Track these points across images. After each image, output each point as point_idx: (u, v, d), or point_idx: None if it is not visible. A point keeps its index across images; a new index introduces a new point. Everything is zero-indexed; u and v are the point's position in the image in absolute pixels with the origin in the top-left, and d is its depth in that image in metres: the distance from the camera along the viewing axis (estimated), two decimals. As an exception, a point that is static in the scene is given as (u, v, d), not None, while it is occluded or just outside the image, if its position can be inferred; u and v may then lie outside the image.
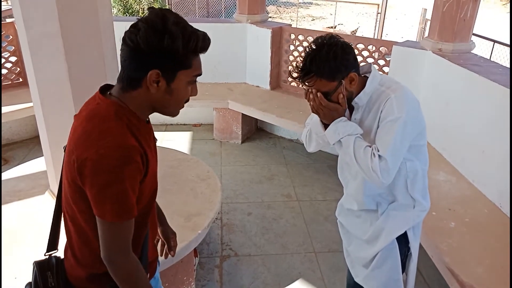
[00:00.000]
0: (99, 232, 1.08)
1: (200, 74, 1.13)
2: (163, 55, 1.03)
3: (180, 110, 1.20)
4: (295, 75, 1.55)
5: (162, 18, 1.02)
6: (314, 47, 1.50)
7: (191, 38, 1.04)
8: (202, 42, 1.08)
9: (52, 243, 1.33)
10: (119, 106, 1.09)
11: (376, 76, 1.58)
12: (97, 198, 1.03)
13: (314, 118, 1.74)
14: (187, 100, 1.16)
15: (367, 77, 1.58)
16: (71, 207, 1.15)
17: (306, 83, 1.54)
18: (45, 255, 1.31)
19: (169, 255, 1.60)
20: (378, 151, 1.48)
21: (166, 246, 1.58)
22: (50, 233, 1.34)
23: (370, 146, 1.51)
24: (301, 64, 1.52)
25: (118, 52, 2.43)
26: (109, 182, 1.01)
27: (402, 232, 1.71)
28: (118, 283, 1.13)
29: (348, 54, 1.50)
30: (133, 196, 1.06)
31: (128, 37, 1.03)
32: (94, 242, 1.12)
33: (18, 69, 4.44)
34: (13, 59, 4.39)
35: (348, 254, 1.96)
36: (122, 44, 1.06)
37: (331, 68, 1.47)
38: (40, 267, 1.27)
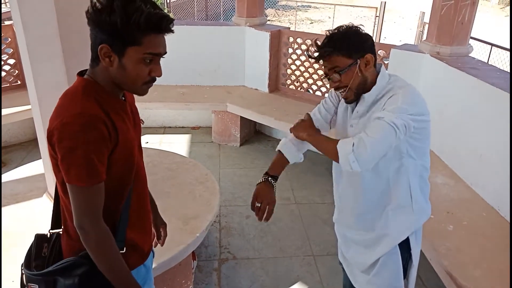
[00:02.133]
0: (70, 199, 1.12)
1: (157, 54, 1.14)
2: (105, 30, 1.08)
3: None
4: (313, 50, 1.57)
5: None
6: (335, 30, 1.53)
7: (135, 14, 1.05)
8: (146, 18, 1.07)
9: (56, 221, 1.36)
10: (89, 82, 1.16)
11: (385, 74, 1.59)
12: (63, 164, 1.07)
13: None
14: (151, 80, 1.17)
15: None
16: (57, 182, 1.20)
17: (323, 60, 1.54)
18: (49, 231, 1.35)
19: (158, 244, 1.63)
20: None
21: (155, 235, 1.61)
22: (53, 212, 1.37)
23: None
24: (324, 40, 1.53)
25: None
26: (71, 147, 1.05)
27: (405, 237, 1.70)
28: (89, 252, 1.15)
29: (366, 37, 1.53)
30: (98, 162, 1.09)
31: (86, 11, 1.11)
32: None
33: (17, 71, 4.44)
34: (11, 61, 4.39)
35: (344, 258, 1.95)
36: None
37: (349, 43, 1.50)
38: (39, 238, 1.33)
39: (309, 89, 4.69)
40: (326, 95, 1.92)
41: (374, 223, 1.75)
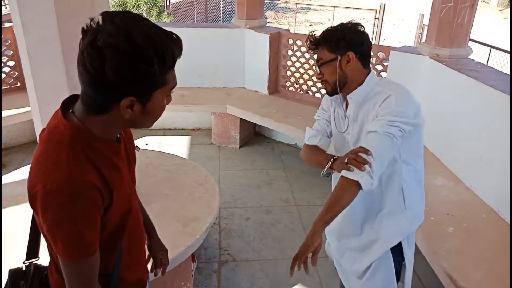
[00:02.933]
0: (61, 268, 1.00)
1: (175, 85, 1.01)
2: (138, 82, 0.90)
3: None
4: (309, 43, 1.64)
5: (126, 36, 0.86)
6: (335, 25, 1.62)
7: (166, 55, 0.91)
8: (177, 53, 0.94)
9: (32, 250, 1.25)
10: (78, 130, 0.97)
11: (373, 76, 1.61)
12: (49, 235, 0.95)
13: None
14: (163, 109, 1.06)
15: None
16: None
17: (314, 51, 1.64)
18: (24, 263, 1.24)
19: (159, 273, 1.51)
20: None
21: (153, 262, 1.49)
22: (29, 239, 1.26)
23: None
24: (312, 36, 1.63)
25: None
26: (57, 221, 0.92)
27: (396, 243, 1.71)
28: None
29: (355, 35, 1.56)
30: (90, 233, 0.96)
31: (90, 63, 0.87)
32: None
33: (16, 73, 4.44)
34: (11, 63, 4.39)
35: (339, 264, 1.97)
36: (79, 65, 0.91)
37: (335, 39, 1.55)
38: (13, 275, 1.20)
39: (308, 91, 4.70)
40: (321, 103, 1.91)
41: (366, 228, 1.76)
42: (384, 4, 11.27)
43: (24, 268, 1.22)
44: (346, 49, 1.54)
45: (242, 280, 2.74)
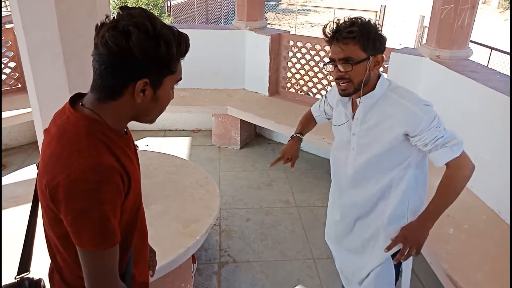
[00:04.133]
0: (81, 261, 0.97)
1: (181, 79, 1.06)
2: (157, 63, 0.94)
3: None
4: (332, 29, 1.48)
5: (150, 20, 0.91)
6: (355, 19, 1.49)
7: (181, 42, 0.97)
8: (187, 43, 0.99)
9: (24, 265, 1.22)
10: (92, 120, 0.98)
11: (384, 81, 1.58)
12: (73, 226, 0.93)
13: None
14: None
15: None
16: (50, 231, 1.06)
17: (339, 44, 1.47)
18: (15, 278, 1.21)
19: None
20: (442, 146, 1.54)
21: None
22: (22, 253, 1.24)
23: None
24: (344, 23, 1.47)
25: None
26: (83, 209, 0.90)
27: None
28: None
29: (383, 37, 1.51)
30: (114, 221, 0.95)
31: (114, 42, 0.90)
32: (79, 270, 1.01)
33: (17, 74, 4.45)
34: (12, 64, 4.40)
35: (341, 271, 1.99)
36: (97, 49, 0.94)
37: (370, 37, 1.46)
38: None
39: (309, 92, 4.70)
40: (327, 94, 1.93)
41: (369, 230, 1.76)
42: (385, 6, 11.27)
43: (18, 283, 1.20)
44: (377, 51, 1.49)
45: (243, 282, 2.74)
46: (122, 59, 0.91)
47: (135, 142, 1.20)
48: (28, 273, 1.22)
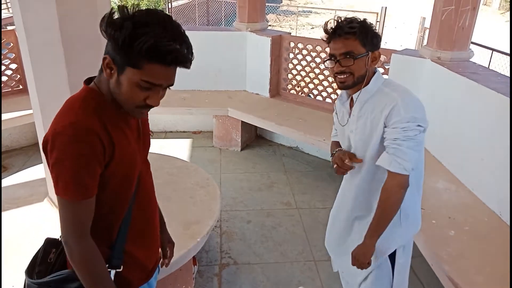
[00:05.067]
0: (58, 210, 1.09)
1: (156, 84, 1.06)
2: (111, 43, 1.04)
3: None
4: (332, 26, 1.54)
5: (144, 13, 1.02)
6: (351, 18, 1.55)
7: (138, 39, 0.99)
8: (151, 47, 0.99)
9: None
10: (92, 91, 1.12)
11: (380, 76, 1.62)
12: (52, 174, 1.05)
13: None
14: (146, 106, 1.10)
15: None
16: None
17: (340, 40, 1.52)
18: (60, 236, 1.30)
19: (164, 264, 1.57)
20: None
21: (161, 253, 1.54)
22: None
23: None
24: (343, 20, 1.53)
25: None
26: (60, 158, 1.02)
27: (393, 250, 1.71)
28: (74, 268, 1.11)
29: (378, 35, 1.57)
30: (87, 177, 1.05)
31: (101, 20, 1.05)
32: None
33: (19, 76, 4.45)
34: (13, 66, 4.41)
35: (342, 277, 2.00)
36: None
37: (370, 34, 1.53)
38: (48, 242, 1.30)
39: (310, 94, 4.70)
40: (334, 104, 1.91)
41: (356, 226, 1.77)
42: (386, 7, 11.27)
43: (59, 239, 1.29)
44: (375, 47, 1.55)
45: (243, 284, 2.73)
46: (102, 31, 1.04)
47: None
48: None
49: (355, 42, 1.51)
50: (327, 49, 1.65)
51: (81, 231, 1.09)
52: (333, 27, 1.53)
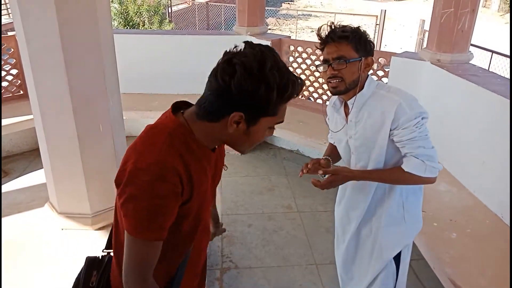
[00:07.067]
0: (124, 246, 1.04)
1: (281, 121, 1.07)
2: (253, 103, 0.98)
3: None
4: (325, 32, 1.57)
5: (259, 62, 0.96)
6: (344, 25, 1.57)
7: (287, 88, 0.98)
8: (296, 90, 1.00)
9: (111, 241, 1.27)
10: (181, 126, 1.06)
11: (372, 80, 1.63)
12: (124, 209, 1.00)
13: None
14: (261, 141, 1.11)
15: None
16: (116, 213, 1.13)
17: (333, 44, 1.54)
18: (102, 251, 1.29)
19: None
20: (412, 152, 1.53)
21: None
22: (111, 230, 1.28)
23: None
24: (337, 26, 1.56)
25: (119, 65, 2.45)
26: (136, 196, 0.98)
27: (398, 251, 1.72)
28: None
29: (371, 42, 1.59)
30: (162, 218, 1.01)
31: (221, 74, 0.98)
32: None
33: (19, 81, 4.46)
34: (14, 71, 4.42)
35: (343, 281, 2.00)
36: (211, 76, 1.03)
37: (362, 40, 1.55)
38: (89, 263, 1.27)
39: (310, 97, 4.70)
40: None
41: (371, 235, 1.77)
42: (385, 10, 11.31)
43: (100, 258, 1.28)
44: (368, 53, 1.56)
45: (245, 288, 2.73)
46: (223, 91, 0.98)
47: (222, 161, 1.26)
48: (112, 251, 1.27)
49: (348, 47, 1.53)
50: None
51: (145, 272, 1.04)
52: (326, 32, 1.55)
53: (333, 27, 1.55)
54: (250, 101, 0.98)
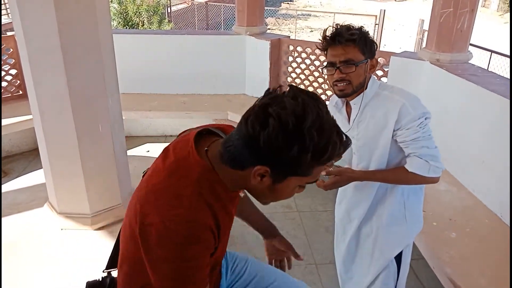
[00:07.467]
0: None
1: (314, 181, 0.97)
2: (282, 161, 0.88)
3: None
4: (330, 33, 1.53)
5: (298, 117, 0.83)
6: (347, 25, 1.55)
7: (325, 151, 0.86)
8: (336, 154, 0.89)
9: (113, 260, 1.22)
10: (208, 171, 0.97)
11: (375, 80, 1.63)
12: (153, 268, 0.95)
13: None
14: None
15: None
16: (124, 243, 1.07)
17: (340, 47, 1.51)
18: (103, 271, 1.24)
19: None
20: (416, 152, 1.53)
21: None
22: (113, 248, 1.25)
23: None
24: (344, 28, 1.52)
25: (117, 65, 2.44)
26: (168, 258, 0.91)
27: (399, 251, 1.72)
28: None
29: (376, 44, 1.59)
30: (199, 275, 0.96)
31: (252, 122, 0.86)
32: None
33: (18, 81, 4.45)
34: (13, 72, 4.41)
35: (343, 281, 2.01)
36: (243, 118, 0.91)
37: (368, 41, 1.54)
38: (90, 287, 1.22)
39: (309, 97, 4.69)
40: None
41: (372, 235, 1.77)
42: (384, 10, 11.32)
43: (100, 280, 1.22)
44: (373, 55, 1.56)
45: None
46: (251, 141, 0.88)
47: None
48: (116, 269, 1.22)
49: (354, 49, 1.50)
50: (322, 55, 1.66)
51: None
52: (332, 34, 1.51)
53: (339, 29, 1.52)
54: (279, 159, 0.87)
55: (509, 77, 3.03)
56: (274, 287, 1.23)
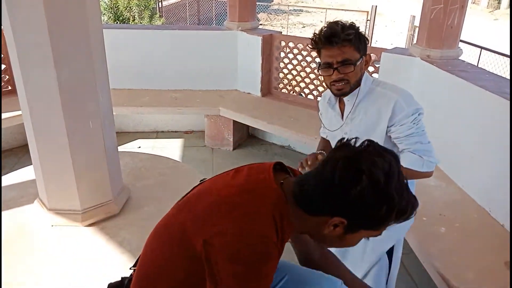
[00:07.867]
0: None
1: (378, 235, 1.00)
2: (365, 217, 0.90)
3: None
4: (326, 34, 1.49)
5: (387, 175, 0.86)
6: (339, 22, 1.53)
7: (406, 211, 0.91)
8: (412, 215, 0.94)
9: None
10: (283, 203, 0.97)
11: (368, 76, 1.64)
12: (225, 282, 0.92)
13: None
14: None
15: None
16: (160, 246, 1.06)
17: (337, 47, 1.49)
18: (130, 268, 1.23)
19: None
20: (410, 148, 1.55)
21: None
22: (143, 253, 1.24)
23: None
24: (339, 28, 1.49)
25: (108, 60, 2.42)
26: (242, 274, 0.90)
27: (390, 246, 1.74)
28: None
29: (367, 39, 1.60)
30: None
31: (341, 175, 0.88)
32: None
33: (7, 77, 4.40)
34: (2, 66, 4.35)
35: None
36: (327, 165, 0.92)
37: (362, 39, 1.53)
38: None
39: (301, 93, 4.71)
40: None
41: None
42: (376, 6, 11.34)
43: (121, 282, 1.22)
44: (366, 51, 1.56)
45: None
46: (336, 192, 0.89)
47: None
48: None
49: (350, 49, 1.50)
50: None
51: None
52: (327, 34, 1.48)
53: (334, 29, 1.48)
54: (361, 214, 0.89)
55: (499, 74, 3.06)
56: (285, 281, 1.25)
